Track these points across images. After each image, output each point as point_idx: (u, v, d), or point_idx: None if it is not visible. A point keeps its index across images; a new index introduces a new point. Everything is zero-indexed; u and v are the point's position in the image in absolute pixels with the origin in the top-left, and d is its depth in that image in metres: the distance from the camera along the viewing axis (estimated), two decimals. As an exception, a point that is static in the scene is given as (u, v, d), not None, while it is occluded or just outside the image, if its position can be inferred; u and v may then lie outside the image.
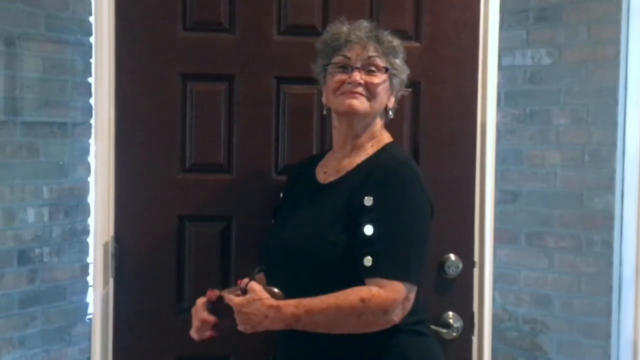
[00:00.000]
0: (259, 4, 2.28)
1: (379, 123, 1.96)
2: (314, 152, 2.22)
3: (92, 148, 2.68)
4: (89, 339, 2.67)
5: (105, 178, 2.29)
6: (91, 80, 2.95)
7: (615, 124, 3.16)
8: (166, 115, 2.27)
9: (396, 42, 1.96)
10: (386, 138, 1.97)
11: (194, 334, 1.94)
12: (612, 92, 3.17)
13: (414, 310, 1.86)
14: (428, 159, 2.31)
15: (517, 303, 3.51)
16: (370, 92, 1.89)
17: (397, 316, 1.78)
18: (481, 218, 2.39)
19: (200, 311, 1.92)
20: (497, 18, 2.41)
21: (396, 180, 1.83)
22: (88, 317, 3.32)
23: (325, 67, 1.95)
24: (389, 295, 1.75)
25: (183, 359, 2.31)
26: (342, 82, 1.89)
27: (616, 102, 3.15)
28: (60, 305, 3.37)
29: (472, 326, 2.37)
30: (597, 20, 3.20)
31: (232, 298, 1.80)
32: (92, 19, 2.37)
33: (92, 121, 2.41)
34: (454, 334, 2.32)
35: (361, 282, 1.78)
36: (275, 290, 1.81)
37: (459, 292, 2.35)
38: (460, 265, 2.32)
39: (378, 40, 1.92)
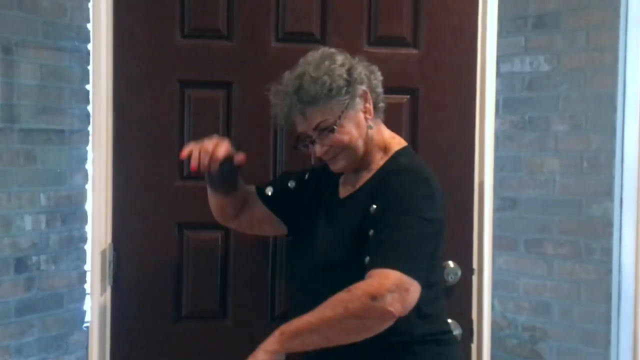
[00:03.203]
0: (257, 11, 2.28)
1: (375, 135, 1.92)
2: (312, 161, 2.21)
3: (90, 155, 2.66)
4: (87, 347, 2.66)
5: (102, 185, 2.28)
6: (89, 87, 2.93)
7: (613, 130, 3.15)
8: (164, 122, 2.27)
9: (330, 70, 1.84)
10: (396, 144, 1.95)
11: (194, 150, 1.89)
12: (610, 99, 3.16)
13: (433, 319, 1.85)
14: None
15: (516, 310, 3.49)
16: (340, 147, 1.87)
17: (392, 305, 1.65)
18: (480, 225, 2.38)
19: (225, 142, 1.90)
20: (495, 25, 2.41)
21: (396, 185, 1.81)
22: (85, 325, 3.30)
23: (296, 148, 1.95)
24: (374, 280, 1.67)
25: (181, 367, 2.30)
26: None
27: (615, 108, 3.15)
28: (58, 313, 3.34)
29: (471, 333, 2.36)
30: (596, 26, 3.20)
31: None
32: (90, 26, 2.36)
33: (90, 128, 2.40)
34: (453, 341, 2.31)
35: None
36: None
37: (458, 300, 2.34)
38: (459, 273, 2.32)
39: (309, 102, 1.84)
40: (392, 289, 1.65)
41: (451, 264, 2.31)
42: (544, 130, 3.37)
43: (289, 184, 2.11)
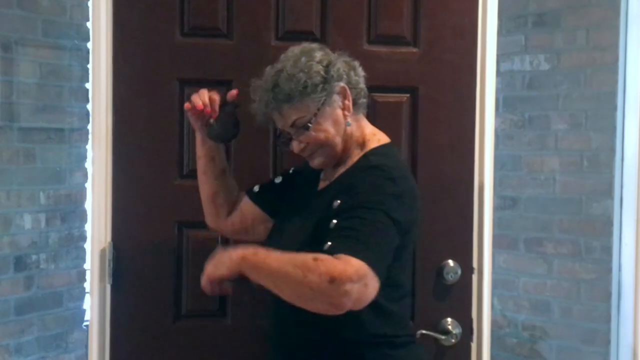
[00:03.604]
0: (256, 9, 2.27)
1: (355, 131, 1.89)
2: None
3: (90, 154, 2.67)
4: (86, 346, 2.66)
5: (102, 184, 2.28)
6: (88, 85, 2.94)
7: (614, 129, 3.16)
8: (164, 121, 2.26)
9: (306, 66, 1.82)
10: (374, 142, 1.91)
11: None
12: (610, 98, 3.16)
13: (394, 319, 1.83)
14: (426, 164, 2.31)
15: (516, 309, 3.50)
16: (316, 145, 1.86)
17: (347, 295, 1.59)
18: (480, 224, 2.38)
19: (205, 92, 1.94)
20: (495, 23, 2.40)
21: (361, 182, 1.78)
22: (85, 323, 3.31)
23: (276, 144, 1.96)
24: (340, 264, 1.59)
25: (180, 366, 2.30)
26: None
27: (615, 107, 3.15)
28: (57, 312, 3.35)
29: (471, 332, 2.36)
30: (596, 25, 3.20)
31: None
32: (89, 24, 2.36)
33: (90, 127, 2.40)
34: (453, 340, 2.31)
35: None
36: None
37: (457, 299, 2.34)
38: (459, 271, 2.32)
39: (285, 99, 1.82)
40: (354, 279, 1.59)
41: (451, 262, 2.31)
42: (544, 129, 3.38)
43: (276, 180, 2.11)
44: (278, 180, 2.11)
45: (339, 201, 1.77)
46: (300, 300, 1.65)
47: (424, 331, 2.28)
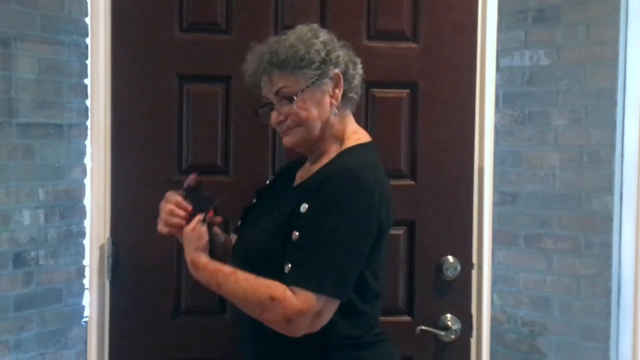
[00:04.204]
0: (256, 5, 2.27)
1: (337, 124, 1.86)
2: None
3: (88, 150, 2.66)
4: (85, 342, 2.66)
5: (101, 180, 2.27)
6: (87, 81, 2.93)
7: (614, 125, 3.15)
8: (163, 116, 2.26)
9: (308, 43, 1.81)
10: (353, 140, 1.87)
11: (161, 226, 1.88)
12: (610, 93, 3.16)
13: (363, 320, 1.81)
14: (426, 160, 2.31)
15: (515, 305, 3.50)
16: (296, 121, 1.82)
17: (300, 330, 1.70)
18: (480, 220, 2.38)
19: (173, 195, 1.88)
20: (495, 19, 2.39)
21: (329, 187, 1.74)
22: (84, 319, 3.30)
23: (256, 113, 1.92)
24: (296, 305, 1.68)
25: (179, 362, 2.30)
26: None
27: (615, 103, 3.15)
28: (56, 308, 3.35)
29: (471, 328, 2.36)
30: (596, 21, 3.20)
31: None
32: (88, 19, 2.35)
33: (88, 123, 2.39)
34: (452, 336, 2.31)
35: None
36: (219, 234, 1.89)
37: (457, 294, 2.34)
38: (459, 267, 2.32)
39: (278, 65, 1.81)
40: (308, 316, 1.69)
41: (450, 258, 2.31)
42: (544, 124, 3.37)
43: (253, 201, 2.04)
44: (254, 200, 2.04)
45: (306, 206, 1.74)
46: (259, 319, 1.75)
47: (423, 327, 2.29)
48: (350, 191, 1.73)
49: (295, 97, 1.80)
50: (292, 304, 1.68)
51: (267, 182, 2.09)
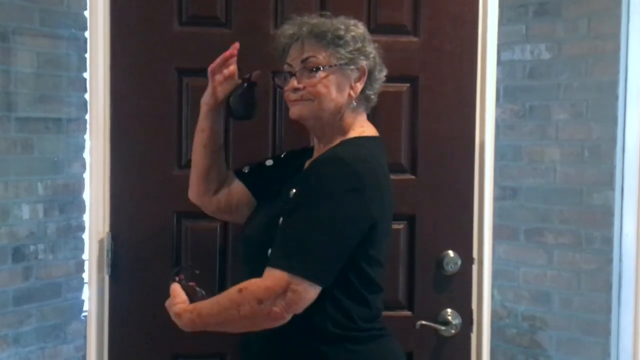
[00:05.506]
0: (255, -2, 2.26)
1: (348, 117, 1.87)
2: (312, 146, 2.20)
3: (87, 144, 2.65)
4: (85, 337, 2.66)
5: (100, 174, 2.27)
6: (86, 75, 2.92)
7: (615, 119, 3.14)
8: (162, 110, 2.25)
9: (349, 28, 1.84)
10: (356, 132, 1.88)
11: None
12: (612, 87, 3.15)
13: (361, 314, 1.80)
14: (426, 154, 2.30)
15: (516, 300, 3.49)
16: (312, 93, 1.82)
17: (278, 307, 1.68)
18: (480, 214, 2.37)
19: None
20: (496, 13, 2.39)
21: (316, 173, 1.76)
22: (83, 314, 3.30)
23: (274, 76, 1.95)
24: (262, 283, 1.69)
25: (179, 357, 2.30)
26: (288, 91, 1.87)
27: (616, 97, 3.14)
28: (56, 303, 3.35)
29: (471, 323, 2.35)
30: (597, 14, 3.19)
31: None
32: (87, 13, 2.34)
33: (87, 117, 2.38)
34: (453, 331, 2.30)
35: None
36: (197, 289, 1.88)
37: (457, 289, 2.33)
38: (459, 262, 2.31)
39: (317, 35, 1.83)
40: (279, 292, 1.67)
41: (451, 253, 2.30)
42: (544, 119, 3.36)
43: (267, 162, 2.09)
44: (269, 163, 2.09)
45: (294, 190, 1.77)
46: (247, 329, 1.79)
47: (423, 322, 2.28)
48: (336, 178, 1.72)
49: (321, 69, 1.81)
50: (259, 284, 1.70)
51: (282, 155, 2.11)
